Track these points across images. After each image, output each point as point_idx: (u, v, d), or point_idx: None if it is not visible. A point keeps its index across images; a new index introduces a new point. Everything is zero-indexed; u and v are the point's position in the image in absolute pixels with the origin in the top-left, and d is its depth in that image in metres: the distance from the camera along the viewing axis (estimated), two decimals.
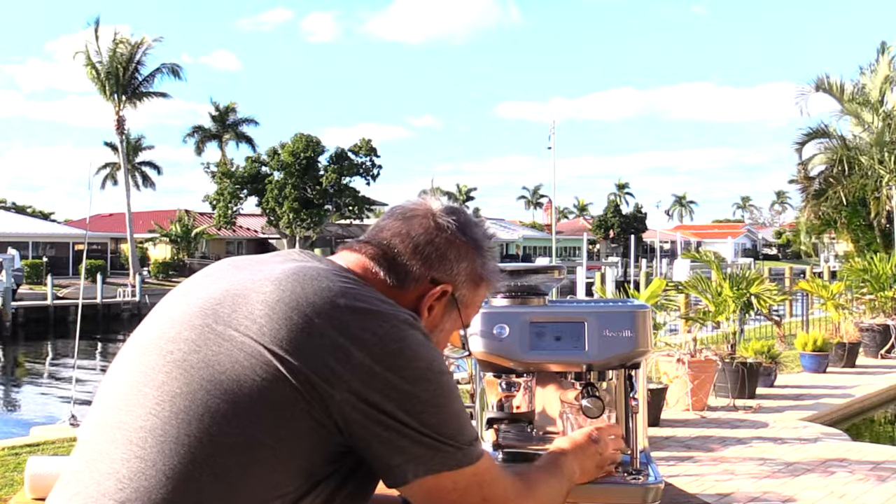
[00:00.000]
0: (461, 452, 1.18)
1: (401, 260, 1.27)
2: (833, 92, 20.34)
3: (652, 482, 1.79)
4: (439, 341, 1.34)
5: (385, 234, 1.31)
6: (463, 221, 1.32)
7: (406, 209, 1.33)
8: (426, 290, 1.28)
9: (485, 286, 1.36)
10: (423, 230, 1.29)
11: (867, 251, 16.36)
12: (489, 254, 1.35)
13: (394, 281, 1.27)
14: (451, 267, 1.30)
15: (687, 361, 7.82)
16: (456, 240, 1.30)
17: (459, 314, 1.34)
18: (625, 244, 62.29)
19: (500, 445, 1.94)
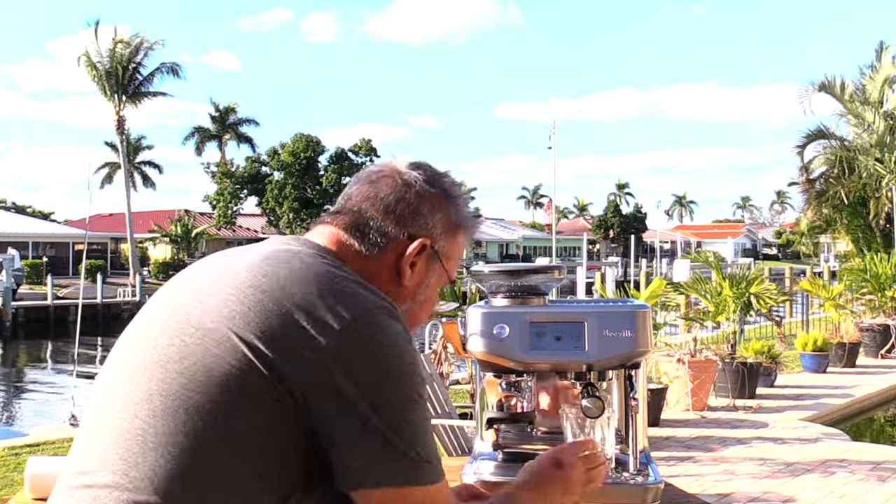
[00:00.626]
0: (424, 468, 1.11)
1: (374, 224, 1.25)
2: (834, 92, 20.34)
3: (652, 482, 1.79)
4: (427, 297, 1.33)
5: (354, 200, 1.28)
6: (430, 174, 1.31)
7: (371, 172, 1.32)
8: (405, 248, 1.26)
9: (462, 233, 1.34)
10: (391, 189, 1.27)
11: (867, 251, 16.36)
12: (461, 201, 1.34)
13: (370, 248, 1.25)
14: (426, 220, 1.28)
15: (687, 361, 7.82)
16: (426, 193, 1.28)
17: (443, 266, 1.31)
18: (625, 244, 62.30)
19: (500, 445, 1.94)
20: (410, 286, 1.28)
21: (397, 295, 1.26)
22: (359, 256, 1.25)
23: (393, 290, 1.26)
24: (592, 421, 1.80)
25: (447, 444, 4.77)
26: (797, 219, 22.92)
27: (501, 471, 1.89)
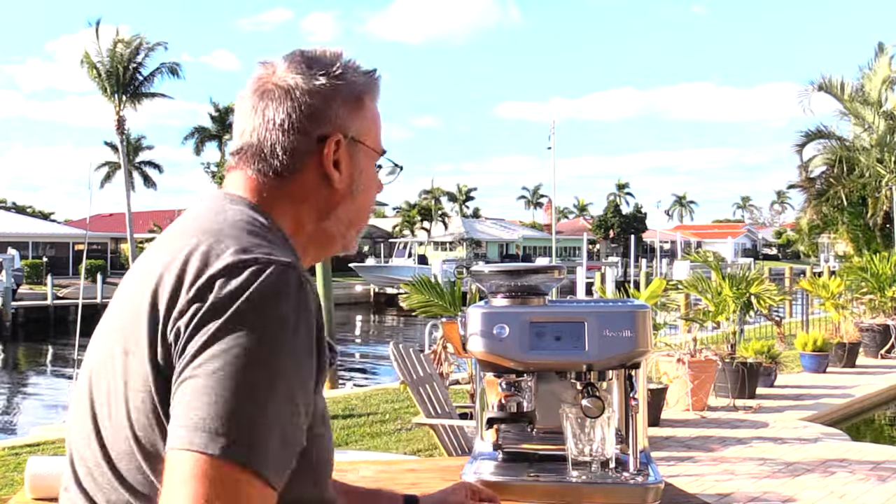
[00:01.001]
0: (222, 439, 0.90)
1: (278, 148, 1.15)
2: (834, 91, 20.34)
3: (652, 482, 1.79)
4: (366, 186, 1.23)
5: (249, 135, 1.17)
6: (304, 66, 1.18)
7: (250, 95, 1.19)
8: (320, 154, 1.17)
9: (367, 100, 1.23)
10: (277, 105, 1.16)
11: (866, 251, 16.37)
12: (348, 71, 1.20)
13: (286, 172, 1.15)
14: (327, 115, 1.17)
15: (687, 361, 7.82)
16: (311, 89, 1.17)
17: (366, 146, 1.22)
18: (625, 244, 62.30)
19: (500, 445, 1.94)
20: (343, 186, 1.19)
21: (333, 200, 1.19)
22: (278, 186, 1.16)
23: (328, 198, 1.19)
24: (592, 421, 1.80)
25: (447, 444, 4.78)
26: (797, 218, 22.92)
27: (501, 471, 1.89)
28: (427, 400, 4.92)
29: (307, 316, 1.00)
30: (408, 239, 60.04)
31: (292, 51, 1.22)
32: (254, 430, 0.92)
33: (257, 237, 1.06)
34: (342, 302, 37.08)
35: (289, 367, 0.96)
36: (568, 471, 1.84)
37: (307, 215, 1.18)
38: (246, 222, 1.09)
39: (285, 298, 0.98)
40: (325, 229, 1.20)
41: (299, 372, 0.98)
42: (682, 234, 74.38)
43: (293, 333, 0.97)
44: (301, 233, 1.18)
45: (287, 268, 1.00)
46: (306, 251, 1.19)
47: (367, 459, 3.50)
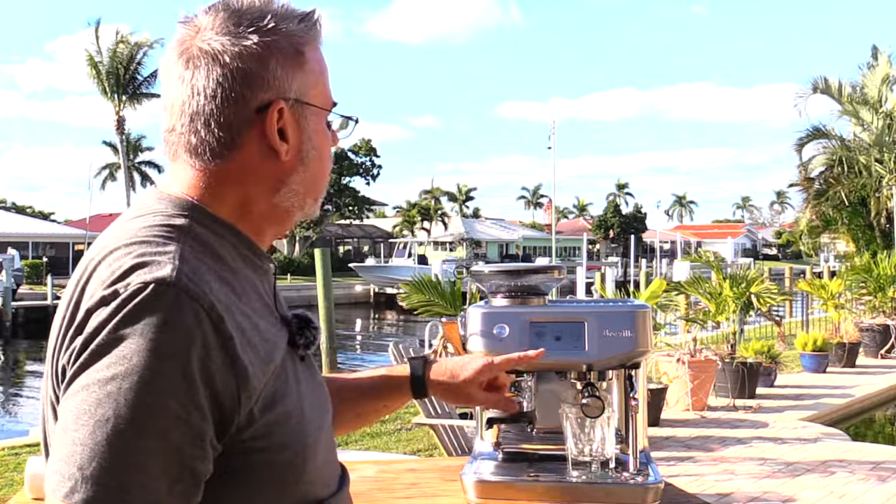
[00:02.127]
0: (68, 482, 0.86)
1: (213, 123, 1.02)
2: (831, 94, 20.35)
3: (652, 482, 1.79)
4: (318, 150, 1.09)
5: (179, 110, 1.03)
6: (230, 24, 1.03)
7: (177, 58, 1.04)
8: (262, 125, 1.03)
9: (308, 49, 1.07)
10: (205, 74, 1.01)
11: (866, 251, 16.37)
12: (279, 23, 1.04)
13: (224, 150, 1.02)
14: (264, 79, 1.03)
15: (687, 361, 7.82)
16: (242, 52, 1.01)
17: (312, 106, 1.08)
18: (625, 244, 62.27)
19: (500, 445, 1.94)
20: (292, 156, 1.06)
21: (283, 172, 1.06)
22: (218, 168, 1.03)
23: (277, 172, 1.06)
24: (592, 421, 1.80)
25: (447, 443, 4.78)
26: (796, 218, 22.93)
27: (501, 471, 1.89)
28: (427, 400, 4.92)
29: (181, 337, 0.89)
30: (408, 239, 60.03)
31: (214, 3, 1.05)
32: (100, 471, 0.85)
33: (154, 248, 0.95)
34: (342, 302, 37.07)
35: (150, 400, 0.87)
36: (568, 471, 1.84)
37: (256, 194, 1.05)
38: (150, 228, 0.99)
39: (152, 324, 0.88)
40: (279, 204, 1.08)
41: (167, 404, 0.88)
42: (681, 235, 74.40)
43: (159, 361, 0.88)
44: (251, 213, 1.06)
45: (165, 287, 0.90)
46: (262, 231, 1.09)
47: (367, 459, 3.50)
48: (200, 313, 0.91)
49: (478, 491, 1.84)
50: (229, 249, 1.03)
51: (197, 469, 0.91)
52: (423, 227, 63.96)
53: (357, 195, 53.29)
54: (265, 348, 0.99)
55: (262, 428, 0.97)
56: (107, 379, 0.87)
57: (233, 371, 0.93)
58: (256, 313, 1.01)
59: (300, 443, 1.02)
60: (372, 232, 66.17)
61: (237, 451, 0.95)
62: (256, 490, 0.98)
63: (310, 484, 1.06)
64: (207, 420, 0.91)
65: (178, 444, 0.89)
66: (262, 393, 0.97)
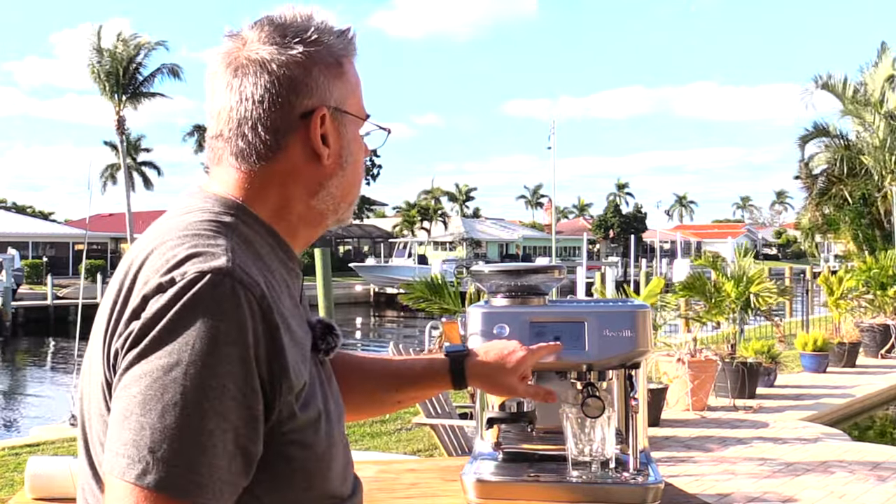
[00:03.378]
0: (138, 465, 0.89)
1: (260, 127, 1.07)
2: (836, 90, 20.34)
3: (652, 482, 1.79)
4: (354, 157, 1.16)
5: (227, 116, 1.09)
6: (277, 35, 1.09)
7: (225, 68, 1.10)
8: (306, 131, 1.09)
9: (345, 64, 1.14)
10: (253, 82, 1.07)
11: (867, 251, 16.36)
12: (323, 34, 1.11)
13: (269, 153, 1.08)
14: (307, 87, 1.09)
15: (687, 361, 7.82)
16: (288, 61, 1.08)
17: (351, 115, 1.14)
18: (625, 244, 62.29)
19: (500, 445, 1.94)
20: (332, 161, 1.12)
21: (323, 177, 1.12)
22: (262, 170, 1.08)
23: (317, 175, 1.11)
24: (592, 421, 1.80)
25: (447, 444, 4.78)
26: (797, 218, 22.92)
27: (501, 471, 1.89)
28: (427, 400, 4.92)
29: (237, 324, 0.94)
30: (408, 239, 60.03)
31: (259, 18, 1.12)
32: (170, 453, 0.89)
33: (206, 241, 1.00)
34: (342, 302, 37.08)
35: (213, 384, 0.91)
36: (568, 471, 1.84)
37: (295, 196, 1.11)
38: (200, 223, 1.03)
39: (211, 312, 0.93)
40: (315, 207, 1.13)
41: (227, 387, 0.92)
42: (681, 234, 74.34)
43: (219, 346, 0.92)
44: (290, 215, 1.11)
45: (221, 276, 0.95)
46: (297, 234, 1.13)
47: (367, 459, 3.50)
48: (253, 303, 0.96)
49: (478, 491, 1.84)
50: (268, 250, 1.08)
51: (251, 450, 0.96)
52: (422, 227, 63.96)
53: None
54: (298, 350, 1.03)
55: (301, 424, 1.01)
56: (171, 365, 0.91)
57: (278, 360, 0.98)
58: (289, 314, 1.05)
59: (326, 442, 1.07)
60: (372, 232, 66.17)
61: (277, 441, 0.99)
62: (287, 482, 1.02)
63: (333, 482, 1.10)
64: (260, 404, 0.96)
65: (237, 425, 0.93)
66: (303, 391, 1.02)
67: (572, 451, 1.84)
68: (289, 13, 1.12)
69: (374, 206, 57.13)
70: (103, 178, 55.67)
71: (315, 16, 1.13)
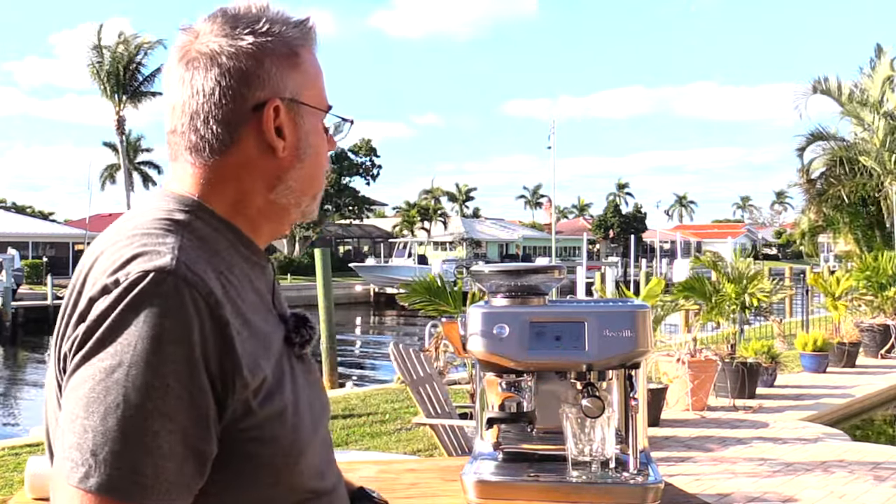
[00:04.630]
0: (80, 467, 0.89)
1: (212, 121, 1.06)
2: (832, 94, 20.34)
3: (652, 482, 1.79)
4: (314, 149, 1.13)
5: (181, 111, 1.08)
6: (228, 26, 1.08)
7: (177, 62, 1.09)
8: (258, 122, 1.07)
9: (303, 51, 1.11)
10: (204, 75, 1.06)
11: (867, 251, 16.35)
12: (268, 21, 1.09)
13: (221, 148, 1.06)
14: (259, 79, 1.07)
15: (687, 361, 7.82)
16: (238, 52, 1.06)
17: (307, 106, 1.11)
18: (625, 244, 62.29)
19: (500, 445, 1.94)
20: (288, 153, 1.10)
21: (280, 170, 1.09)
22: (217, 165, 1.07)
23: (273, 168, 1.09)
24: (592, 421, 1.80)
25: (447, 444, 4.78)
26: (797, 218, 22.93)
27: (501, 471, 1.89)
28: (427, 400, 4.92)
29: (181, 323, 0.93)
30: (408, 239, 60.03)
31: (213, 11, 1.11)
32: (112, 455, 0.88)
33: (154, 240, 0.99)
34: (342, 302, 37.07)
35: (156, 384, 0.90)
36: (568, 471, 1.84)
37: (253, 189, 1.09)
38: (152, 222, 1.03)
39: (153, 311, 0.92)
40: (275, 201, 1.11)
41: (171, 387, 0.91)
42: (681, 234, 74.36)
43: (162, 346, 0.91)
44: (248, 209, 1.10)
45: (165, 275, 0.94)
46: (259, 228, 1.12)
47: (367, 459, 3.50)
48: (199, 300, 0.94)
49: (478, 491, 1.84)
50: (226, 245, 1.07)
51: (203, 449, 0.95)
52: (422, 227, 63.98)
53: (357, 195, 53.29)
54: (256, 345, 1.01)
55: (260, 420, 1.00)
56: (114, 366, 0.91)
57: (229, 357, 0.96)
58: (250, 309, 1.04)
59: (292, 438, 1.04)
60: (372, 232, 66.17)
61: (234, 439, 0.98)
62: (249, 478, 1.01)
63: (304, 476, 1.08)
64: (210, 403, 0.95)
65: (184, 425, 0.92)
66: (262, 386, 1.00)
67: (572, 451, 1.84)
68: (243, 4, 1.10)
69: (374, 206, 57.14)
70: (103, 177, 55.76)
71: (270, 7, 1.11)
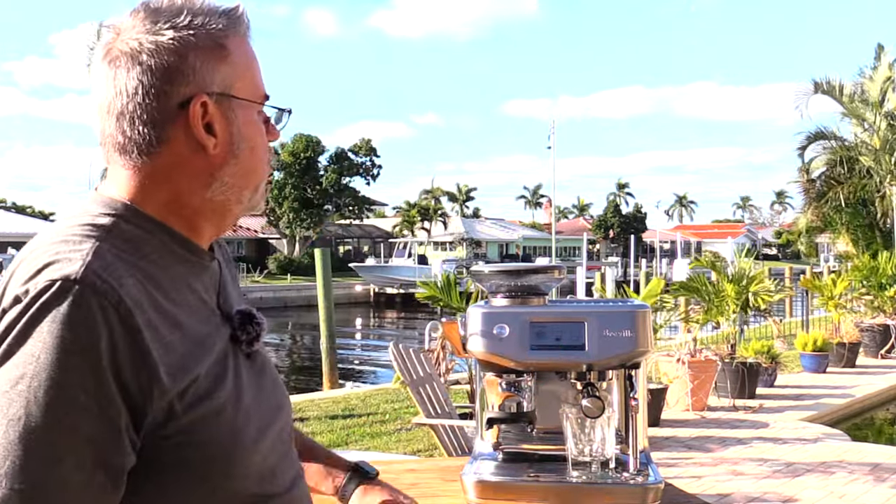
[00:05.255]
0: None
1: (137, 121, 1.02)
2: (833, 94, 20.34)
3: (652, 482, 1.79)
4: (250, 143, 1.09)
5: (106, 111, 1.05)
6: (148, 21, 1.03)
7: (101, 60, 1.05)
8: (186, 119, 1.03)
9: (231, 42, 1.07)
10: (128, 73, 1.02)
11: (866, 251, 16.35)
12: (190, 13, 1.04)
13: (149, 148, 1.03)
14: (182, 73, 1.03)
15: (687, 361, 7.82)
16: (160, 48, 1.02)
17: (239, 99, 1.07)
18: (625, 244, 62.29)
19: (500, 445, 1.94)
20: (221, 150, 1.05)
21: (213, 166, 1.06)
22: (146, 165, 1.04)
23: (206, 166, 1.05)
24: (592, 421, 1.80)
25: (447, 444, 4.78)
26: (796, 218, 22.92)
27: (501, 471, 1.89)
28: (427, 400, 4.92)
29: (87, 332, 0.90)
30: (408, 239, 60.03)
31: (136, 6, 1.06)
32: (14, 469, 0.87)
33: (70, 247, 0.96)
34: (342, 302, 37.07)
35: (60, 395, 0.88)
36: (568, 471, 1.84)
37: (187, 189, 1.06)
38: (73, 227, 1.00)
39: (57, 322, 0.90)
40: (212, 199, 1.07)
41: (76, 398, 0.89)
42: (681, 234, 74.36)
43: (67, 357, 0.89)
44: (183, 209, 1.06)
45: (71, 284, 0.91)
46: (198, 227, 1.08)
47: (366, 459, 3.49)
48: (108, 309, 0.91)
49: (478, 491, 1.84)
50: (158, 246, 1.03)
51: (114, 462, 0.92)
52: (423, 227, 63.98)
53: (357, 195, 53.27)
54: (187, 347, 0.99)
55: (187, 424, 0.97)
56: (17, 378, 0.89)
57: (143, 365, 0.93)
58: (183, 311, 1.01)
59: (231, 439, 1.02)
60: (372, 232, 66.16)
61: (158, 445, 0.96)
62: (179, 484, 0.99)
63: (245, 479, 1.04)
64: (121, 413, 0.92)
65: (92, 437, 0.90)
66: (190, 388, 0.97)
67: (572, 451, 1.84)
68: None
69: (374, 206, 57.14)
70: (103, 177, 55.69)
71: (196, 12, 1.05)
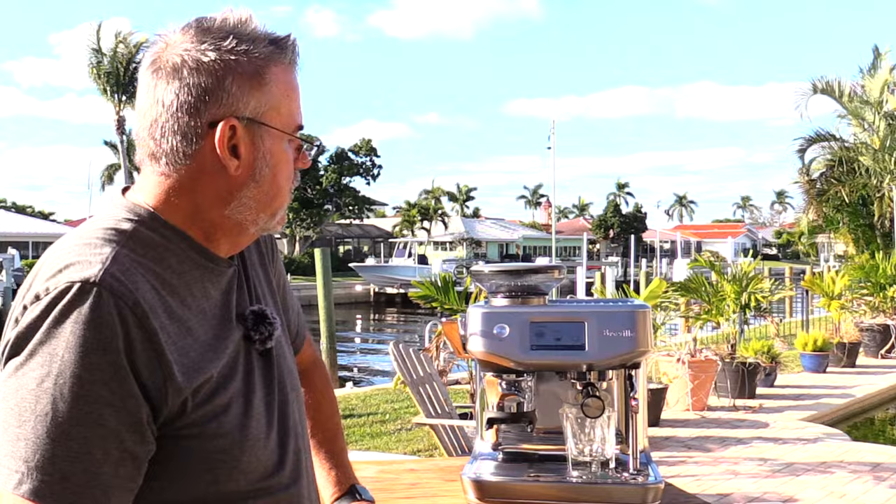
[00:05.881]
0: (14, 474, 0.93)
1: (168, 132, 1.06)
2: (832, 94, 20.34)
3: (652, 482, 1.79)
4: (272, 170, 1.11)
5: (144, 117, 1.09)
6: (197, 38, 1.07)
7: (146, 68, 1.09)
8: (211, 140, 1.06)
9: (270, 72, 1.09)
10: (167, 85, 1.06)
11: (866, 251, 16.36)
12: (236, 38, 1.07)
13: (176, 162, 1.07)
14: (217, 96, 1.06)
15: (687, 361, 7.82)
16: (200, 66, 1.05)
17: (269, 127, 1.10)
18: (625, 244, 62.30)
19: (500, 445, 1.94)
20: (243, 172, 1.08)
21: (233, 187, 1.09)
22: (174, 177, 1.08)
23: (226, 185, 1.09)
24: (592, 421, 1.80)
25: (447, 444, 4.78)
26: (796, 218, 22.93)
27: (501, 471, 1.89)
28: (427, 400, 4.92)
29: (106, 332, 0.95)
30: (408, 239, 60.03)
31: (189, 21, 1.10)
32: (44, 462, 0.92)
33: (91, 249, 1.01)
34: (342, 302, 37.07)
35: (84, 392, 0.93)
36: (568, 471, 1.84)
37: (207, 203, 1.09)
38: (97, 230, 1.05)
39: (77, 322, 0.95)
40: (230, 216, 1.11)
41: (100, 394, 0.94)
42: (681, 234, 74.36)
43: (87, 355, 0.94)
44: (202, 222, 1.10)
45: (90, 286, 0.96)
46: (215, 239, 1.12)
47: (367, 459, 3.50)
48: (124, 310, 0.97)
49: (478, 491, 1.84)
50: (177, 253, 1.08)
51: (136, 452, 0.98)
52: (423, 227, 63.99)
53: (357, 195, 53.31)
54: (198, 350, 1.04)
55: (197, 419, 1.03)
56: (43, 376, 0.94)
57: (159, 364, 0.99)
58: (197, 315, 1.07)
59: (239, 433, 1.07)
60: (372, 232, 66.17)
61: (170, 437, 1.01)
62: (189, 473, 1.04)
63: (251, 471, 1.09)
64: (142, 405, 0.98)
65: (116, 429, 0.96)
66: (204, 386, 1.03)
67: (572, 451, 1.84)
68: (220, 17, 1.09)
69: (374, 206, 57.18)
70: (103, 177, 55.75)
71: (249, 20, 1.10)
